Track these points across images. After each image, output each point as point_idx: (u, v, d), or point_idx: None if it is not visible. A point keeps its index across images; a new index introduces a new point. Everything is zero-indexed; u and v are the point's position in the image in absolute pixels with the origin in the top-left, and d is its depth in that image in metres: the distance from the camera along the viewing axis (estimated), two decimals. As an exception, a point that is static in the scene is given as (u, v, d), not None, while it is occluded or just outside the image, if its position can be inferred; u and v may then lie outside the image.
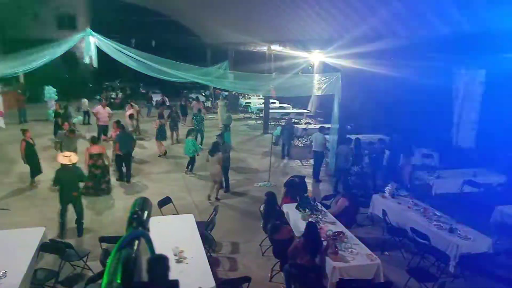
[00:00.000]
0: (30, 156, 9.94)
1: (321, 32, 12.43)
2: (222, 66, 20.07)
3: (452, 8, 7.69)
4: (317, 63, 17.25)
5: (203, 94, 25.86)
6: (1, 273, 4.89)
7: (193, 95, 24.99)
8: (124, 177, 10.79)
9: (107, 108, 14.65)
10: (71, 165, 7.79)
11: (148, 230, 1.19)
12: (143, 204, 1.29)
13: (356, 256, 5.97)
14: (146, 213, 1.23)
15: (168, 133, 14.43)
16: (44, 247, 5.98)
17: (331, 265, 5.71)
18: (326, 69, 14.98)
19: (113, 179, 10.53)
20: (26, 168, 10.11)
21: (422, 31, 8.95)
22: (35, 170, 10.10)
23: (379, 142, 11.44)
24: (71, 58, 22.14)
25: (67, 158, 7.86)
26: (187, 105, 19.50)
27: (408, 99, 13.29)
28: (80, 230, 7.72)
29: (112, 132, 11.70)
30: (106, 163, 9.91)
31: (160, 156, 13.28)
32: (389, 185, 8.89)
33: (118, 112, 17.33)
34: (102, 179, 9.79)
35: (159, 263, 1.13)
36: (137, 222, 1.19)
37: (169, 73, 12.41)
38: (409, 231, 7.34)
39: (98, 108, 14.55)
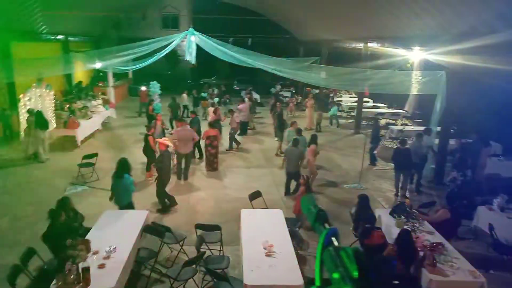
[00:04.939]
0: (151, 150, 10.61)
1: (424, 27, 11.61)
2: (312, 61, 19.72)
3: None
4: (418, 61, 16.18)
5: (291, 91, 25.90)
6: (112, 248, 5.46)
7: (284, 93, 25.20)
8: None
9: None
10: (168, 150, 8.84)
11: (330, 224, 1.24)
12: (314, 200, 1.34)
13: (456, 271, 5.48)
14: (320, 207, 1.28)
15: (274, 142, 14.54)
16: (147, 229, 6.54)
17: (427, 277, 5.32)
18: (427, 67, 13.96)
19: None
20: (132, 156, 11.06)
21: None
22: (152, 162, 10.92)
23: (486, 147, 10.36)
24: (172, 55, 23.83)
25: (166, 144, 8.83)
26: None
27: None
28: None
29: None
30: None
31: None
32: (498, 197, 8.01)
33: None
34: (216, 158, 11.49)
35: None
36: (324, 219, 1.26)
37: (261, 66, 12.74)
38: (521, 250, 6.55)
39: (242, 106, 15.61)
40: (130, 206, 7.29)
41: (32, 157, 11.79)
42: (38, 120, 11.71)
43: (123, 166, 7.27)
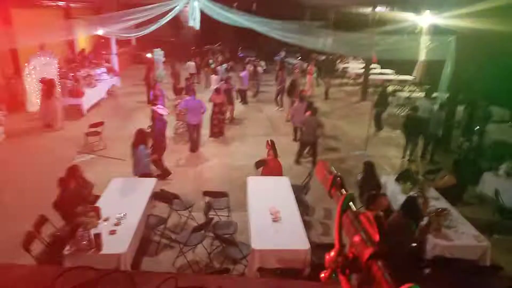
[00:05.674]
0: None
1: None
2: (318, 26, 19.20)
3: None
4: (427, 26, 15.73)
5: (297, 57, 25.37)
6: (122, 215, 5.57)
7: (289, 59, 24.72)
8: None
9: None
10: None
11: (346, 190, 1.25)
12: (330, 166, 1.36)
13: (461, 235, 5.58)
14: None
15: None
16: (156, 195, 6.64)
17: (432, 242, 5.42)
18: (437, 32, 13.59)
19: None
20: (138, 124, 11.09)
21: None
22: None
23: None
24: (175, 21, 23.33)
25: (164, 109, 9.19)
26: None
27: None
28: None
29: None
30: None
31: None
32: (504, 163, 8.01)
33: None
34: (223, 123, 11.76)
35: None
36: (340, 184, 1.28)
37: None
38: (526, 215, 6.61)
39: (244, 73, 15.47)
40: (146, 176, 7.31)
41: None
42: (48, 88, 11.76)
43: (138, 137, 7.29)
